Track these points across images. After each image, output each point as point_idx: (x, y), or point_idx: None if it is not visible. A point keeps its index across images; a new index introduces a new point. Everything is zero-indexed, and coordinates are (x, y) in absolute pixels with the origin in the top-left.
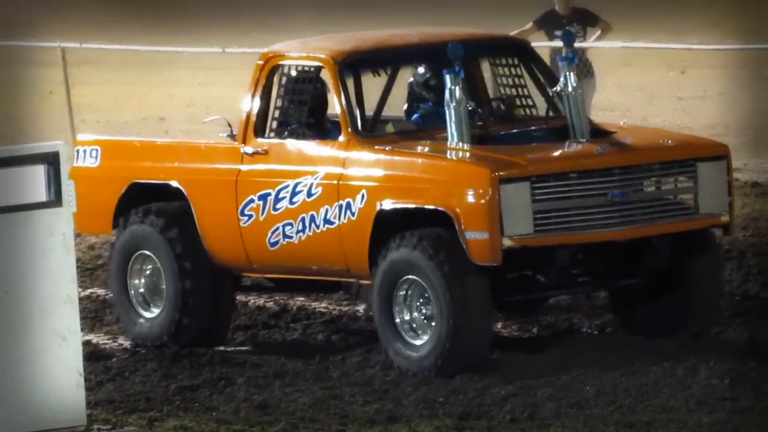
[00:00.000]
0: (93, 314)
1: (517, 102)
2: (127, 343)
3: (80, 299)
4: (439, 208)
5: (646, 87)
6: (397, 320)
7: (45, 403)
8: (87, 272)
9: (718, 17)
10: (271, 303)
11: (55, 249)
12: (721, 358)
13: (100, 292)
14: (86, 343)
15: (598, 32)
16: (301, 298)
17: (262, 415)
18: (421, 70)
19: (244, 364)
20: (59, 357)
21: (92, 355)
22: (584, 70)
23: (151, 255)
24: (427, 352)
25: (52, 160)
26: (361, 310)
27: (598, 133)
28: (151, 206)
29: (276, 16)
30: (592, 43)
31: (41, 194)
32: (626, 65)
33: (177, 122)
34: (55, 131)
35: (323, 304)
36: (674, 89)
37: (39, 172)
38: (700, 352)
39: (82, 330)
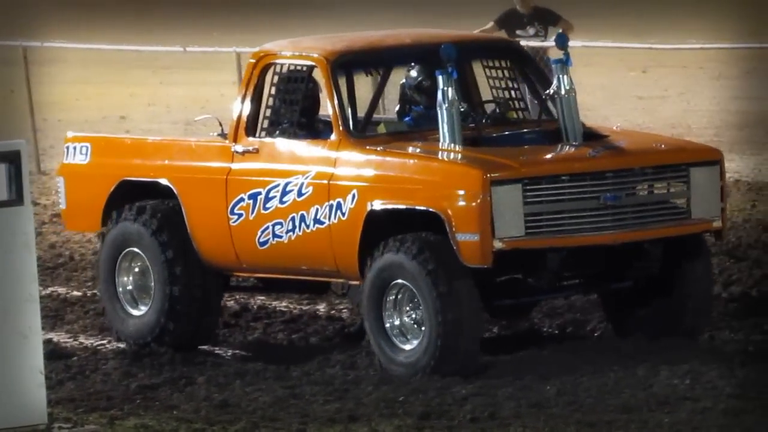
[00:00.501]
0: (54, 313)
1: (510, 105)
2: (88, 342)
3: (41, 298)
4: (430, 210)
5: (607, 87)
6: (387, 325)
7: (6, 401)
8: (48, 271)
9: (677, 18)
10: (232, 302)
11: (17, 248)
12: (682, 359)
13: (61, 290)
14: (47, 342)
15: (559, 31)
16: (262, 297)
17: (222, 414)
18: (413, 72)
19: (205, 363)
20: (20, 355)
21: (53, 353)
22: (545, 69)
23: (140, 253)
24: (418, 357)
25: (13, 159)
26: (347, 311)
27: (591, 136)
28: (142, 204)
29: (237, 16)
30: (552, 43)
31: (2, 193)
32: (586, 65)
33: (138, 121)
34: (16, 130)
35: (284, 303)
36: (635, 89)
37: (0, 170)
38: (661, 352)
39: (43, 329)
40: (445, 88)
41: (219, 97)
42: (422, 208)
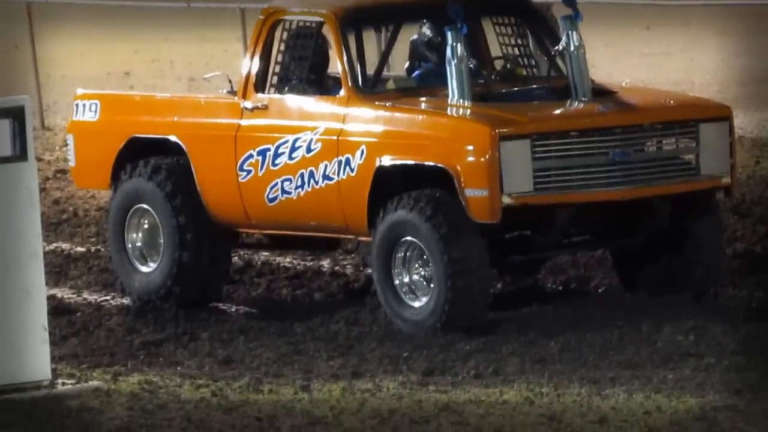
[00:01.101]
0: (57, 269)
1: (519, 61)
2: (91, 298)
3: (45, 254)
4: (439, 165)
5: (610, 44)
6: (396, 282)
7: (9, 357)
8: (51, 227)
9: None
10: (236, 258)
11: (21, 203)
12: (685, 315)
13: (65, 246)
14: (50, 298)
15: None
16: (266, 253)
17: (226, 370)
18: (425, 30)
19: (209, 319)
20: (24, 312)
21: (56, 309)
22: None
23: (151, 211)
24: (427, 314)
25: (17, 114)
26: (351, 267)
27: (599, 93)
28: (158, 162)
29: None
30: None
31: (6, 148)
32: (590, 22)
33: (142, 77)
34: (20, 86)
35: (288, 259)
36: (639, 46)
37: (4, 126)
38: (665, 309)
39: (47, 285)
40: (454, 44)
41: (223, 53)
42: (431, 164)
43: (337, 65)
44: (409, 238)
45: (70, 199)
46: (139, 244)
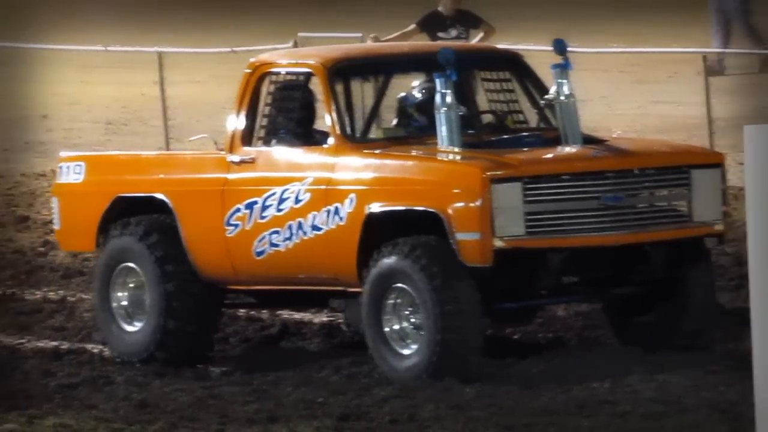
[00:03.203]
0: None
1: (509, 115)
2: (7, 341)
3: None
4: (429, 210)
5: None
6: (387, 329)
7: None
8: None
9: (599, 21)
10: None
11: None
12: (602, 362)
13: None
14: None
15: (481, 34)
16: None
17: (141, 414)
18: (416, 92)
19: (124, 362)
20: None
21: None
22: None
23: (136, 268)
24: (416, 362)
25: None
26: (345, 328)
27: (590, 141)
28: (139, 218)
29: (158, 15)
30: (460, 44)
31: None
32: None
33: (60, 120)
34: None
35: None
36: None
37: None
38: (581, 354)
39: None
40: (444, 91)
41: (140, 96)
42: (421, 208)
43: (325, 117)
44: (399, 284)
45: None
46: (124, 303)
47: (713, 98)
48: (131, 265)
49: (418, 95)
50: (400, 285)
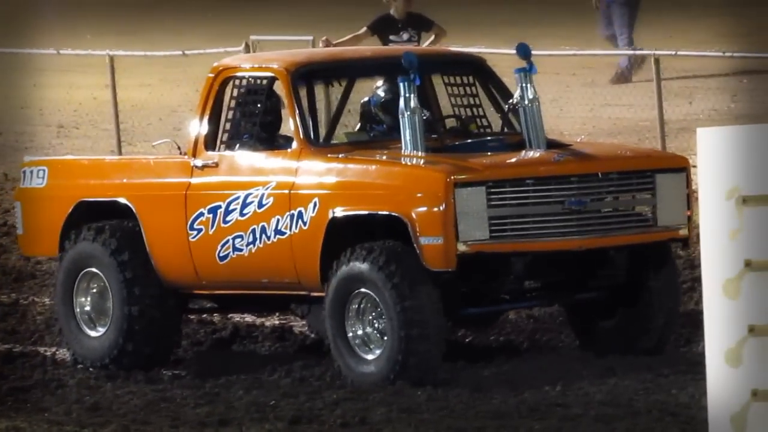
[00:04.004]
0: None
1: (472, 120)
2: None
3: None
4: (393, 214)
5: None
6: (350, 334)
7: None
8: None
9: (551, 24)
10: None
11: None
12: (553, 365)
13: None
14: None
15: (432, 37)
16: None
17: (93, 417)
18: (380, 92)
19: (76, 365)
20: None
21: None
22: None
23: (99, 273)
24: (380, 367)
25: None
26: (312, 334)
27: (554, 146)
28: (101, 224)
29: (108, 18)
30: (424, 48)
31: None
32: None
33: (11, 123)
34: None
35: None
36: None
37: None
38: (532, 358)
39: None
40: (408, 95)
41: (92, 100)
42: (385, 212)
43: (288, 121)
44: (362, 290)
45: None
46: (87, 308)
47: (664, 101)
48: (94, 270)
49: (381, 99)
50: (363, 290)
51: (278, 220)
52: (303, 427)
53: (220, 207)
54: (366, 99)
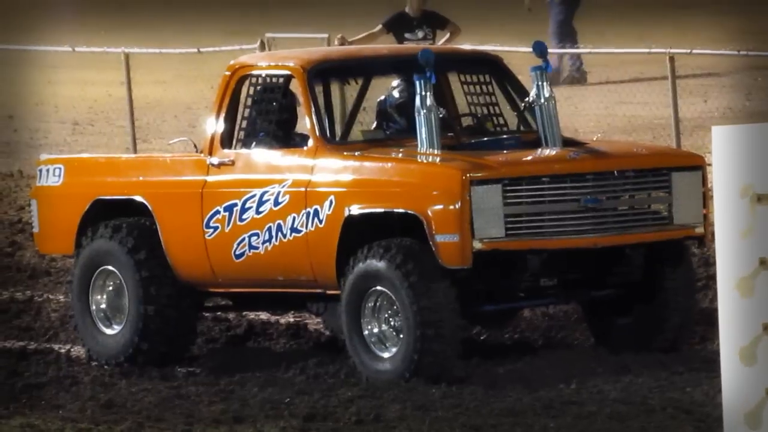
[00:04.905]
0: None
1: (488, 118)
2: None
3: None
4: (409, 212)
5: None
6: (366, 332)
7: None
8: None
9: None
10: None
11: None
12: (568, 363)
13: None
14: None
15: (447, 35)
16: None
17: (107, 414)
18: (393, 92)
19: (90, 362)
20: None
21: None
22: None
23: (115, 271)
24: (396, 365)
25: None
26: (327, 332)
27: (570, 144)
28: (118, 222)
29: (123, 16)
30: (440, 46)
31: None
32: None
33: (26, 120)
34: None
35: None
36: None
37: None
38: (546, 355)
39: None
40: (424, 93)
41: (106, 96)
42: (401, 210)
43: (305, 120)
44: (378, 287)
45: None
46: (103, 306)
47: (679, 99)
48: (110, 268)
49: (397, 97)
50: (378, 288)
51: (294, 218)
52: (317, 424)
53: (236, 205)
54: (382, 98)
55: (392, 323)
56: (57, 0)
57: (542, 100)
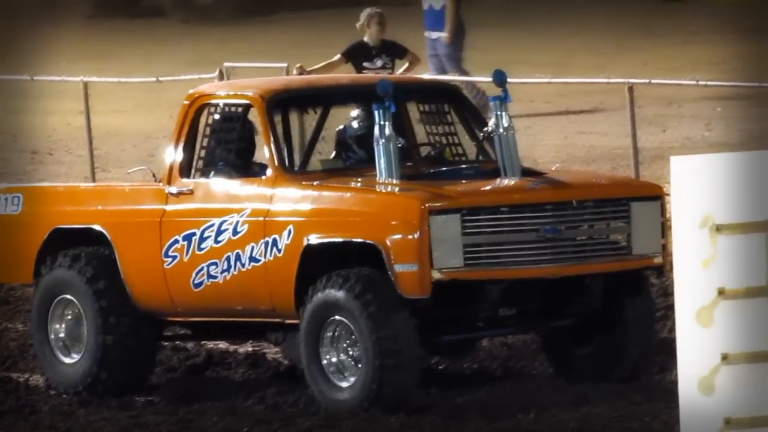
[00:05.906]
0: None
1: (447, 148)
2: None
3: None
4: (368, 242)
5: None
6: (324, 362)
7: None
8: None
9: (524, 52)
10: None
11: None
12: (527, 392)
13: None
14: None
15: (406, 65)
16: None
17: None
18: (355, 123)
19: (49, 391)
20: None
21: None
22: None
23: (74, 300)
24: (354, 394)
25: None
26: (287, 361)
27: (529, 174)
28: (77, 251)
29: (83, 45)
30: (399, 76)
31: None
32: None
33: None
34: None
35: None
36: None
37: None
38: (505, 385)
39: None
40: (383, 123)
41: (66, 126)
42: (360, 240)
43: (263, 149)
44: (337, 317)
45: None
46: (62, 335)
47: (638, 129)
48: (69, 297)
49: (356, 127)
50: (337, 317)
51: (253, 248)
52: None
53: (194, 234)
54: (341, 127)
55: (351, 353)
56: (16, 28)
57: (501, 130)
